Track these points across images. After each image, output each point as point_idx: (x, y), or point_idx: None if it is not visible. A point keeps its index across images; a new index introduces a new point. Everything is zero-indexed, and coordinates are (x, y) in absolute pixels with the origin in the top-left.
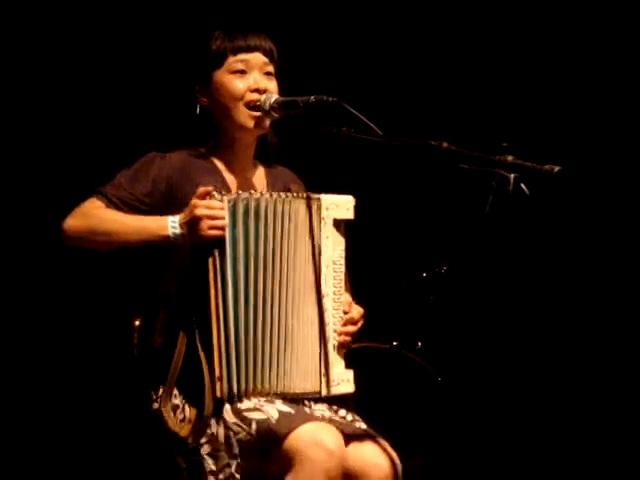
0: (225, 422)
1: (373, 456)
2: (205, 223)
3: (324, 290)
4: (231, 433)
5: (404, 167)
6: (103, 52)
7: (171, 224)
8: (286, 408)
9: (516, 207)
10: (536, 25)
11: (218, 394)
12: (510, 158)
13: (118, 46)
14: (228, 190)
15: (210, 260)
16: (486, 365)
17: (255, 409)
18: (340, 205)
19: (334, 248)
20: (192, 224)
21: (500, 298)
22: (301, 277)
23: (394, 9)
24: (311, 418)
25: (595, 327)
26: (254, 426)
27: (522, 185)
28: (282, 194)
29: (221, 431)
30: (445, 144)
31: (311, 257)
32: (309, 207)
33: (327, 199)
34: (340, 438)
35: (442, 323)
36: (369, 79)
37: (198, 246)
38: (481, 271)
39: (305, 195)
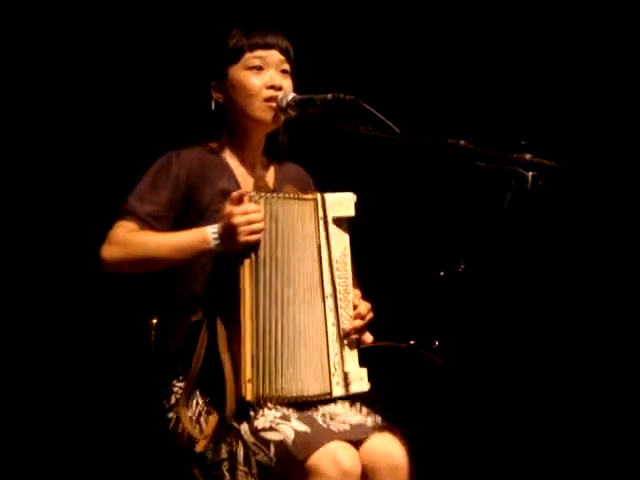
0: (244, 441)
1: (385, 447)
2: (243, 230)
3: (329, 289)
4: (250, 453)
5: (422, 165)
6: (117, 49)
7: (212, 236)
8: (302, 427)
9: (534, 205)
10: (553, 25)
11: (248, 397)
12: (528, 156)
13: (133, 42)
14: (239, 187)
15: (246, 262)
16: (503, 363)
17: (271, 429)
18: (340, 203)
19: (337, 246)
20: (231, 233)
21: (517, 296)
22: (309, 277)
23: (412, 7)
24: (327, 434)
25: (617, 325)
26: (272, 449)
27: (540, 183)
28: (293, 194)
29: (241, 450)
30: (463, 142)
31: (316, 257)
32: (312, 207)
33: (327, 197)
34: (356, 455)
35: (459, 322)
36: (386, 77)
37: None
38: (498, 269)
39: (308, 195)
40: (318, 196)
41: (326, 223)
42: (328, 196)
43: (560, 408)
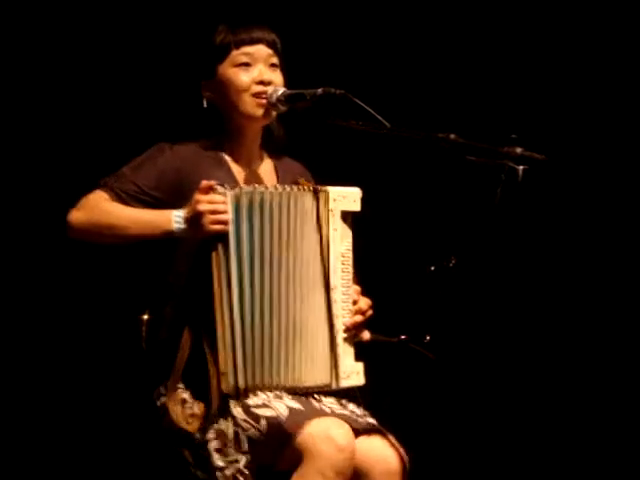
0: (234, 418)
1: (381, 450)
2: (207, 218)
3: (333, 282)
4: (240, 429)
5: (412, 159)
6: (108, 48)
7: (175, 219)
8: (295, 404)
9: (525, 198)
10: (543, 19)
11: (224, 389)
12: (519, 150)
13: (123, 42)
14: (236, 183)
15: (214, 255)
16: (494, 358)
17: (264, 405)
18: (347, 197)
19: (342, 240)
20: (195, 219)
21: (507, 291)
22: (309, 270)
23: (401, 1)
24: (321, 413)
25: (605, 320)
26: (263, 423)
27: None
28: (287, 187)
29: (230, 428)
30: (453, 136)
31: (319, 250)
32: (316, 200)
33: (334, 191)
34: (350, 433)
35: (451, 317)
36: (376, 71)
37: (204, 240)
38: (489, 264)
39: (312, 187)
40: (328, 189)
41: (333, 216)
42: (336, 189)
43: (552, 402)
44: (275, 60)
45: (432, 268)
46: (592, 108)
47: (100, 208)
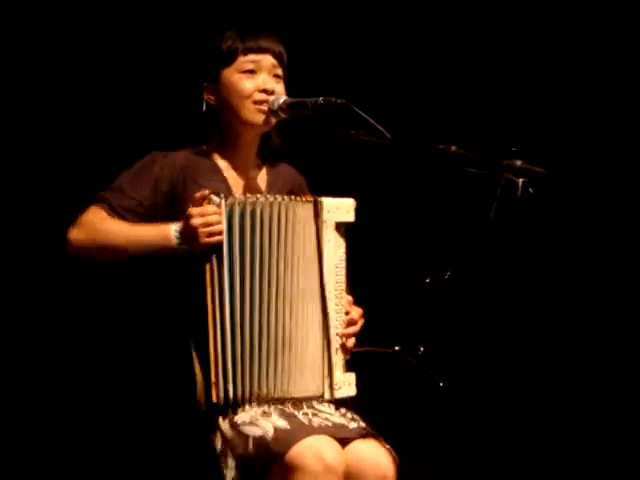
0: (223, 434)
1: (374, 454)
2: (201, 232)
3: (326, 293)
4: (228, 447)
5: (412, 170)
6: (108, 49)
7: (174, 234)
8: (282, 423)
9: (524, 212)
10: (546, 31)
11: (214, 399)
12: (519, 163)
13: (124, 43)
14: (229, 190)
15: (207, 265)
16: (488, 369)
17: (251, 423)
18: (341, 208)
19: (335, 251)
20: (189, 234)
21: (503, 303)
22: (301, 280)
23: (404, 12)
24: (309, 430)
25: (600, 332)
26: (251, 443)
27: (530, 190)
28: (279, 197)
29: (218, 443)
30: (454, 147)
31: (312, 260)
32: (310, 210)
33: (329, 202)
34: (339, 450)
35: (445, 328)
36: (378, 82)
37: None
38: (485, 276)
39: (306, 198)
40: (322, 200)
41: (327, 227)
42: (330, 200)
43: (547, 409)
44: (279, 71)
45: (427, 280)
46: (596, 122)
47: (98, 228)
